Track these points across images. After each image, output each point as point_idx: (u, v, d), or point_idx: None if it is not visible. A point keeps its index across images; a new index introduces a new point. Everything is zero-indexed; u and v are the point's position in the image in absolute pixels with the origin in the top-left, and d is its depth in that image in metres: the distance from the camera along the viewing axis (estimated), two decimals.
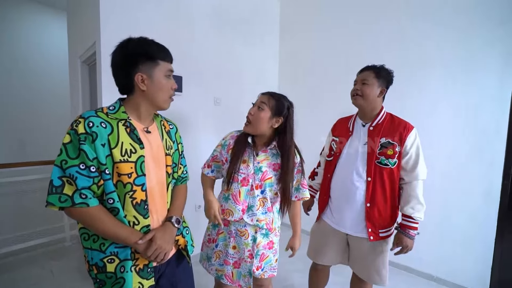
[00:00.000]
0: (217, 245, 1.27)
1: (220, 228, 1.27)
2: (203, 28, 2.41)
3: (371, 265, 1.35)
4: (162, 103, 0.94)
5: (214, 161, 1.34)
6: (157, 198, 0.96)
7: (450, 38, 2.07)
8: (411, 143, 1.27)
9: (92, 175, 0.79)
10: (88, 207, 0.79)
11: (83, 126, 0.79)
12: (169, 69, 0.94)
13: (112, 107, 0.89)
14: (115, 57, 0.89)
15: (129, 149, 0.85)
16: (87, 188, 0.79)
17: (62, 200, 0.77)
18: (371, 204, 1.30)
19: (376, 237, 1.31)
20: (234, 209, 1.22)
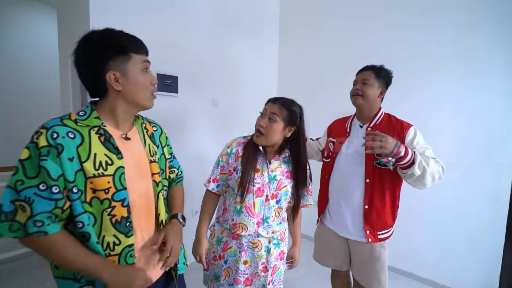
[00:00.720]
0: (226, 261, 1.15)
1: (227, 242, 1.16)
2: (199, 27, 2.31)
3: (370, 271, 1.33)
4: (144, 102, 0.82)
5: (221, 173, 1.19)
6: (142, 213, 0.84)
7: (454, 37, 2.02)
8: (411, 139, 1.22)
9: (55, 197, 0.66)
10: (46, 236, 0.66)
11: (45, 138, 0.66)
12: (145, 61, 0.80)
13: (82, 112, 0.76)
14: (78, 55, 0.75)
15: (104, 160, 0.73)
16: (46, 213, 0.66)
17: (13, 229, 0.65)
18: (369, 206, 1.27)
19: (375, 239, 1.28)
20: (248, 223, 1.12)
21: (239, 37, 2.69)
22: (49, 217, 0.67)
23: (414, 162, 1.09)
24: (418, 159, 1.10)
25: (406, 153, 1.09)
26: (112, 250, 0.76)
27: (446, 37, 2.05)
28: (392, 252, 1.67)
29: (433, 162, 1.14)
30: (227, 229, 1.16)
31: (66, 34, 2.48)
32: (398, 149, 1.07)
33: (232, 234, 1.15)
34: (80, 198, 0.70)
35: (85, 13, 1.69)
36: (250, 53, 2.84)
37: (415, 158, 1.10)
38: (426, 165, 1.10)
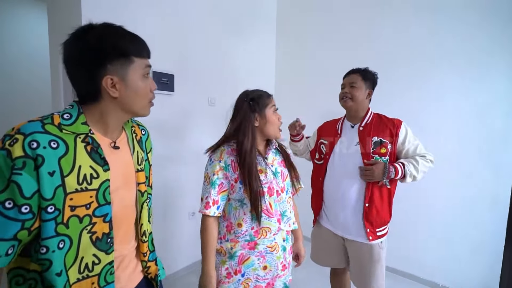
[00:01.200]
0: (244, 274, 1.08)
1: (242, 254, 1.07)
2: (195, 24, 2.25)
3: (368, 273, 1.33)
4: (141, 110, 0.74)
5: (221, 192, 1.07)
6: (123, 226, 0.76)
7: (457, 34, 1.99)
8: (404, 137, 1.30)
9: (22, 218, 0.55)
10: None
11: (21, 147, 0.54)
12: (146, 66, 0.72)
13: (67, 115, 0.64)
14: (70, 51, 0.65)
15: (89, 173, 0.64)
16: (8, 240, 0.55)
17: None
18: (369, 204, 1.29)
19: (375, 237, 1.30)
20: (271, 224, 1.08)
21: (236, 34, 2.64)
22: (12, 246, 0.56)
23: (405, 176, 1.25)
24: (408, 172, 1.24)
25: (396, 172, 1.24)
26: (90, 271, 0.67)
27: (447, 34, 2.02)
28: (391, 253, 1.66)
29: (422, 163, 1.26)
30: (245, 241, 1.08)
31: (56, 30, 2.39)
32: (388, 174, 1.23)
33: (249, 245, 1.08)
34: (56, 218, 0.59)
35: (77, 9, 1.62)
36: (247, 51, 2.79)
37: (405, 173, 1.25)
38: (416, 172, 1.25)
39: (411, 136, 1.31)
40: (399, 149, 1.31)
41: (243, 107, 1.07)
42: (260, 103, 1.07)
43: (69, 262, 0.63)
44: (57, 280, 0.61)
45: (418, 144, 1.31)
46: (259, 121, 1.08)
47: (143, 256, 0.83)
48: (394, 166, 1.23)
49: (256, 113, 1.07)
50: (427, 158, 1.28)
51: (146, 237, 0.83)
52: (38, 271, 0.62)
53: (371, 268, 1.32)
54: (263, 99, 1.08)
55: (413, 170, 1.24)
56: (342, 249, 1.43)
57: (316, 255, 1.55)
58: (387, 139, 1.29)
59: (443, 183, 2.07)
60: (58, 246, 0.60)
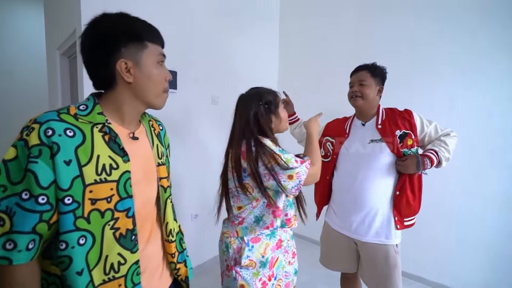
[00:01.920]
0: (276, 277, 1.04)
1: (272, 257, 1.02)
2: (199, 21, 2.18)
3: (385, 279, 1.27)
4: (154, 98, 0.71)
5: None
6: (148, 222, 0.74)
7: (460, 34, 1.94)
8: (420, 123, 1.28)
9: (39, 209, 0.54)
10: (8, 266, 0.54)
11: (37, 135, 0.54)
12: (161, 53, 0.71)
13: (83, 106, 0.64)
14: (86, 40, 0.65)
15: (109, 164, 0.62)
16: (27, 233, 0.54)
17: None
18: (400, 192, 1.26)
19: (402, 226, 1.27)
20: (296, 209, 1.10)
21: (239, 32, 2.58)
22: (32, 240, 0.54)
23: (440, 162, 1.21)
24: (444, 157, 1.21)
25: (432, 161, 1.19)
26: (116, 272, 0.64)
27: (454, 31, 1.97)
28: None
29: (451, 143, 1.23)
30: (273, 240, 1.03)
31: (53, 25, 2.31)
32: (424, 166, 1.19)
33: (276, 245, 1.03)
34: (75, 211, 0.57)
35: (76, 6, 1.54)
36: (250, 49, 2.73)
37: (440, 159, 1.21)
38: (449, 154, 1.22)
39: (425, 119, 1.29)
40: (420, 136, 1.28)
41: (259, 111, 1.02)
42: (274, 104, 1.05)
43: (93, 261, 0.60)
44: (78, 279, 0.58)
45: (435, 124, 1.29)
46: (274, 121, 1.06)
47: (171, 257, 0.80)
48: (428, 157, 1.20)
49: (271, 114, 1.05)
50: (451, 136, 1.26)
51: (173, 237, 0.80)
52: (58, 275, 0.61)
53: (388, 273, 1.25)
54: (275, 99, 1.06)
55: (446, 153, 1.21)
56: (353, 252, 1.37)
57: (326, 259, 1.50)
58: (409, 130, 1.25)
59: (454, 183, 2.02)
60: (78, 242, 0.58)
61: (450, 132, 1.27)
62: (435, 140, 1.27)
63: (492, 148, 1.89)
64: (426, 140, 1.28)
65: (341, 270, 1.48)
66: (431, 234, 2.14)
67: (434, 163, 1.20)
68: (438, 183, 2.04)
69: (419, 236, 2.16)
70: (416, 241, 2.16)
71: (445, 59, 2.02)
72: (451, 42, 1.99)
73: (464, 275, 2.02)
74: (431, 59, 2.08)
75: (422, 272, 2.20)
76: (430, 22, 2.07)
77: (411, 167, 1.19)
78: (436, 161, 1.20)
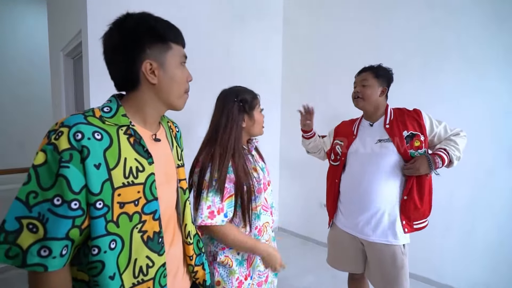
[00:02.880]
0: (252, 277, 1.07)
1: (249, 256, 1.05)
2: (201, 22, 2.19)
3: (391, 280, 1.25)
4: (176, 99, 0.71)
5: (227, 199, 0.97)
6: (170, 225, 0.75)
7: (473, 29, 1.91)
8: (430, 123, 1.27)
9: (72, 214, 0.53)
10: (43, 273, 0.52)
11: (67, 139, 0.53)
12: (183, 55, 0.72)
13: (107, 108, 0.63)
14: (110, 40, 0.64)
15: (135, 166, 0.62)
16: (60, 239, 0.53)
17: (10, 255, 0.51)
18: (408, 197, 1.24)
19: (411, 229, 1.27)
20: (267, 218, 1.11)
21: (242, 32, 2.58)
22: (65, 246, 0.54)
23: (451, 161, 1.20)
24: (454, 156, 1.19)
25: (443, 160, 1.18)
26: (145, 275, 0.64)
27: (461, 30, 1.96)
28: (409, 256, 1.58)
29: (461, 142, 1.22)
30: None
31: (57, 26, 2.31)
32: (435, 165, 1.18)
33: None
34: (106, 216, 0.57)
35: (82, 5, 1.54)
36: (253, 49, 2.73)
37: (451, 158, 1.19)
38: (460, 153, 1.20)
39: (435, 120, 1.28)
40: (430, 137, 1.26)
41: (232, 108, 1.03)
42: (250, 105, 1.06)
43: (123, 265, 0.60)
44: (111, 284, 0.58)
45: (445, 124, 1.27)
46: (247, 122, 1.06)
47: (189, 259, 0.81)
48: (438, 155, 1.19)
49: (245, 114, 1.05)
50: (461, 135, 1.24)
51: (191, 239, 0.81)
52: (86, 280, 0.60)
53: (395, 274, 1.24)
54: (252, 100, 1.07)
55: (456, 152, 1.20)
56: (360, 253, 1.37)
57: (333, 259, 1.49)
58: (417, 131, 1.24)
59: (462, 183, 2.01)
60: (109, 247, 0.58)
61: (459, 131, 1.25)
62: (444, 140, 1.25)
63: (501, 147, 1.89)
64: (435, 140, 1.27)
65: (348, 271, 1.47)
66: (438, 233, 2.12)
67: (445, 162, 1.18)
68: (445, 182, 2.01)
69: (426, 235, 2.15)
70: (422, 241, 2.13)
71: (452, 54, 2.00)
72: (460, 35, 1.96)
73: (467, 276, 2.02)
74: (442, 55, 2.05)
75: (428, 272, 2.19)
76: (442, 14, 2.05)
77: (422, 167, 1.17)
78: (447, 160, 1.19)
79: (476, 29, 1.91)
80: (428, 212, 1.29)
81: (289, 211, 3.12)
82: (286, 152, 3.15)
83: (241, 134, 1.05)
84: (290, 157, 3.07)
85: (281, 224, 3.21)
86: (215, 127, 1.04)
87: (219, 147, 0.99)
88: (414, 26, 2.15)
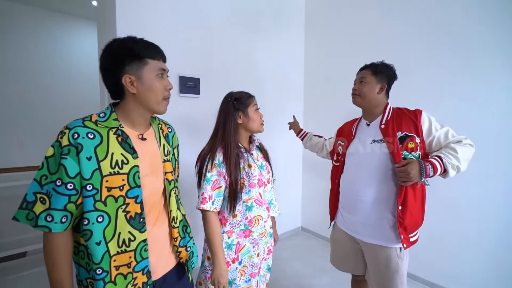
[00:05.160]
0: (241, 262, 1.17)
1: (239, 243, 1.17)
2: (220, 27, 2.35)
3: (385, 283, 1.23)
4: (155, 105, 0.85)
5: (216, 188, 1.12)
6: (155, 209, 0.89)
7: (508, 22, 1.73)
8: (428, 126, 1.18)
9: (68, 193, 0.72)
10: (48, 232, 0.72)
11: (67, 138, 0.72)
12: (160, 68, 0.85)
13: (103, 114, 0.81)
14: (101, 60, 0.82)
15: (121, 160, 0.78)
16: (60, 210, 0.71)
17: (29, 218, 0.71)
18: (403, 207, 1.16)
19: (408, 244, 1.19)
20: (261, 212, 1.21)
21: (263, 37, 2.68)
22: (64, 216, 0.72)
23: (446, 170, 1.09)
24: (449, 164, 1.08)
25: (434, 168, 1.08)
26: (128, 246, 0.79)
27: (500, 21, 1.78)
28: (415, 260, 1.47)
29: (462, 150, 1.10)
30: (240, 230, 1.17)
31: (101, 46, 2.68)
32: (426, 172, 1.08)
33: (244, 233, 1.17)
34: (95, 196, 0.74)
35: (113, 26, 1.81)
36: (274, 54, 2.81)
37: (445, 167, 1.08)
38: (458, 162, 1.08)
39: (436, 123, 1.19)
40: (427, 141, 1.18)
41: (228, 106, 1.18)
42: (243, 103, 1.18)
43: (109, 235, 0.76)
44: (97, 248, 0.74)
45: (447, 130, 1.16)
46: (243, 118, 1.19)
47: (174, 241, 0.95)
48: (430, 162, 1.08)
49: (239, 111, 1.18)
50: (464, 143, 1.12)
51: (176, 223, 0.95)
52: (85, 245, 0.76)
53: (389, 277, 1.21)
54: (245, 99, 1.20)
55: (453, 160, 1.07)
56: (359, 254, 1.35)
57: (334, 259, 1.50)
58: (413, 133, 1.17)
59: (467, 183, 1.89)
60: (97, 220, 0.74)
61: (462, 139, 1.14)
62: (444, 147, 1.15)
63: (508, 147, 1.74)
64: (433, 145, 1.17)
65: (348, 271, 1.46)
66: (443, 236, 2.04)
67: (438, 170, 1.08)
68: (451, 183, 1.91)
69: (432, 239, 2.07)
70: (428, 245, 2.08)
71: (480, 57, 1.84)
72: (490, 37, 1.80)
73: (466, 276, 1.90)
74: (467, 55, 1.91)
75: (434, 277, 2.03)
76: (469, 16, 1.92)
77: (413, 172, 1.07)
78: (440, 169, 1.08)
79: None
80: (421, 221, 1.23)
81: (312, 212, 3.13)
82: (309, 155, 3.13)
83: (237, 130, 1.19)
84: (313, 159, 3.05)
85: (304, 225, 3.23)
86: (216, 125, 1.21)
87: (219, 142, 1.16)
88: (440, 27, 2.02)
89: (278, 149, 2.92)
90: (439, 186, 1.94)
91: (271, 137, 2.84)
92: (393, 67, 1.31)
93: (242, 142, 1.22)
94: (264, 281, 1.28)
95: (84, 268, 0.79)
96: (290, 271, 2.34)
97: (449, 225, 1.99)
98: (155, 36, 2.04)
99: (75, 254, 0.80)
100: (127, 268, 0.79)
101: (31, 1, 3.09)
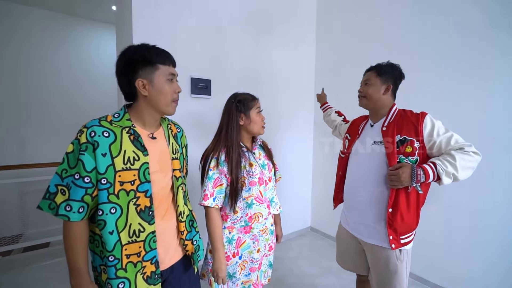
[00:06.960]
0: (241, 257, 1.23)
1: (239, 238, 1.22)
2: (233, 30, 2.41)
3: (384, 284, 1.23)
4: (164, 107, 0.92)
5: (217, 186, 1.17)
6: (163, 204, 0.96)
7: None
8: (430, 130, 1.14)
9: (85, 185, 0.79)
10: (67, 221, 0.79)
11: (85, 136, 0.79)
12: (170, 73, 0.92)
13: (117, 114, 0.89)
14: (117, 65, 0.90)
15: (132, 156, 0.85)
16: (78, 201, 0.79)
17: (51, 207, 0.79)
18: (393, 210, 1.16)
19: (398, 245, 1.17)
20: (261, 209, 1.24)
21: (274, 39, 2.72)
22: (81, 206, 0.80)
23: (440, 177, 1.07)
24: (442, 172, 1.05)
25: (426, 175, 1.07)
26: (138, 237, 0.86)
27: None
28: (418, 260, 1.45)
29: (462, 158, 1.06)
30: (240, 226, 1.22)
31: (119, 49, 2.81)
32: (416, 178, 1.07)
33: (244, 229, 1.22)
34: (109, 189, 0.81)
35: (129, 29, 1.92)
36: (285, 56, 2.84)
37: (439, 173, 1.06)
38: (455, 170, 1.05)
39: (440, 128, 1.14)
40: (428, 145, 1.14)
41: (231, 108, 1.23)
42: (245, 105, 1.22)
43: (121, 226, 0.84)
44: (110, 237, 0.82)
45: (451, 135, 1.11)
46: (244, 120, 1.22)
47: (181, 234, 1.02)
48: (422, 168, 1.07)
49: (241, 113, 1.21)
50: (466, 150, 1.07)
51: (183, 218, 1.01)
52: (99, 234, 0.84)
53: (388, 278, 1.21)
54: (248, 101, 1.23)
55: (449, 167, 1.04)
56: (362, 253, 1.36)
57: (339, 257, 1.52)
58: (412, 136, 1.14)
59: (480, 186, 1.85)
60: (110, 211, 0.82)
61: (465, 146, 1.09)
62: (444, 153, 1.12)
63: None
64: (434, 150, 1.14)
65: (352, 270, 1.47)
66: (448, 238, 2.01)
67: (430, 177, 1.06)
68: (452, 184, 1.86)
69: (437, 240, 2.04)
70: (433, 245, 2.06)
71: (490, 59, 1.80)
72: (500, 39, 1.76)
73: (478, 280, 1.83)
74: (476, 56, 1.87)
75: (439, 279, 2.00)
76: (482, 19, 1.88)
77: (404, 175, 1.07)
78: (432, 176, 1.06)
79: None
80: (416, 224, 1.20)
81: (321, 213, 3.14)
82: (319, 156, 3.17)
83: (239, 130, 1.23)
84: (323, 160, 3.09)
85: (314, 225, 3.24)
86: (220, 125, 1.26)
87: (222, 141, 1.21)
88: (452, 28, 1.99)
89: (289, 150, 2.95)
90: (452, 189, 1.90)
91: (281, 137, 2.88)
92: (399, 67, 1.29)
93: (245, 142, 1.26)
94: (266, 277, 1.32)
95: (98, 255, 0.86)
96: (296, 269, 2.37)
97: (462, 228, 1.94)
98: (169, 40, 2.14)
99: (91, 243, 0.88)
100: (137, 257, 0.86)
101: (55, 7, 3.30)
